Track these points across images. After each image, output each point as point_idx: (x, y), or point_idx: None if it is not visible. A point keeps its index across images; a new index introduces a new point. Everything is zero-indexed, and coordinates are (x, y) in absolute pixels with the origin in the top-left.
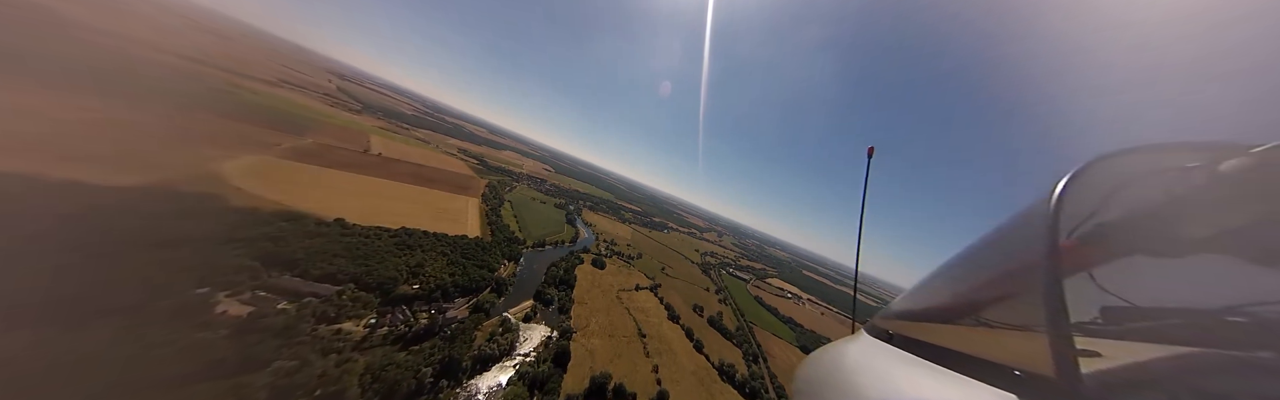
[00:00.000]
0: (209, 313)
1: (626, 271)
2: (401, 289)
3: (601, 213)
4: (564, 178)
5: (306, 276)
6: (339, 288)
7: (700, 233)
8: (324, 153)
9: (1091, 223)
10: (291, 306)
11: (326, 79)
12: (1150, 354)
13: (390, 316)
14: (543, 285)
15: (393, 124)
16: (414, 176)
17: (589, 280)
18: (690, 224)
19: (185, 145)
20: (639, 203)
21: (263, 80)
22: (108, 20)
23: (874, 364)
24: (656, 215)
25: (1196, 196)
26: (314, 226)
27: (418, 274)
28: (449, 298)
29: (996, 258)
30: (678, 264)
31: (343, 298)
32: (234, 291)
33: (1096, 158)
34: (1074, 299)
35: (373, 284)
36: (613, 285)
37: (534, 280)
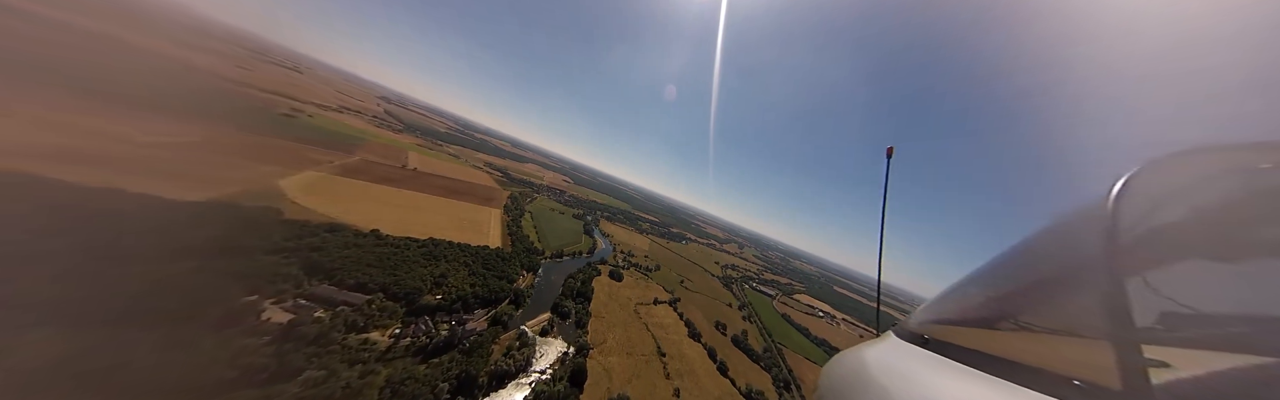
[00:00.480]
0: (255, 319)
1: (644, 284)
2: (425, 299)
3: (619, 223)
4: (583, 189)
5: (342, 285)
6: (369, 297)
7: (720, 244)
8: (368, 169)
9: (1149, 224)
10: (326, 315)
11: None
12: (1221, 364)
13: (413, 327)
14: (560, 297)
15: (428, 141)
16: (444, 189)
17: (606, 293)
18: (709, 235)
19: (253, 164)
20: (656, 213)
21: (323, 106)
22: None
23: (909, 368)
24: (674, 226)
25: (1262, 199)
26: (353, 237)
27: (441, 284)
28: (469, 309)
29: (1048, 259)
30: (697, 277)
31: (372, 307)
32: (279, 299)
33: (1158, 157)
34: (1134, 303)
35: (400, 293)
36: (630, 298)
37: (552, 292)
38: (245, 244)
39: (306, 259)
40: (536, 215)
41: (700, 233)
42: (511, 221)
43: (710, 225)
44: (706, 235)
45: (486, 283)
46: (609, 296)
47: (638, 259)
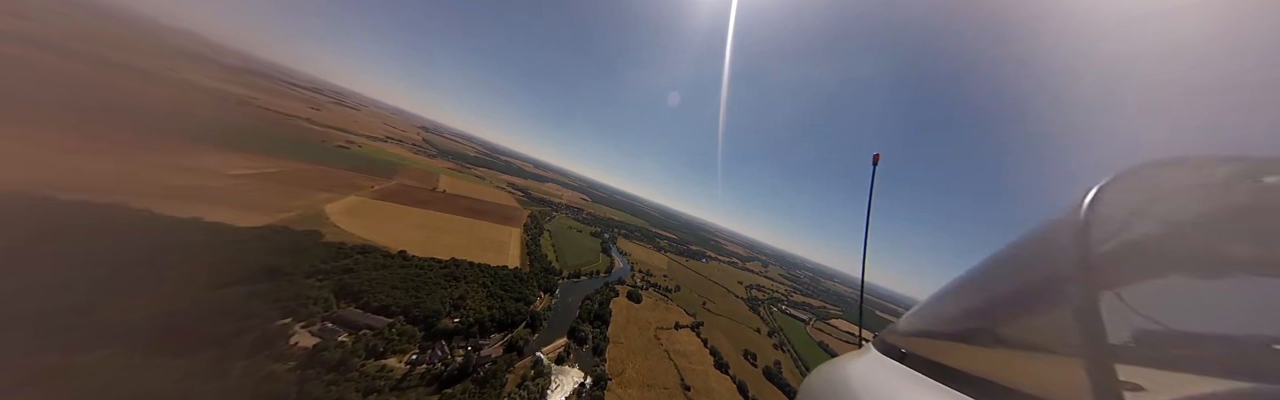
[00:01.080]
0: (284, 343)
1: (664, 306)
2: (443, 323)
3: (636, 241)
4: (600, 206)
5: (367, 307)
6: (390, 320)
7: (742, 262)
8: (403, 192)
9: (1122, 237)
10: (349, 338)
11: (417, 133)
12: (1197, 388)
13: (430, 353)
14: (577, 321)
15: (458, 164)
16: (468, 210)
17: (624, 316)
18: (730, 252)
19: (309, 191)
20: (674, 230)
21: (372, 137)
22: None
23: (884, 384)
24: (693, 243)
25: (1241, 213)
26: (382, 258)
27: (459, 307)
28: (485, 333)
29: (1020, 272)
30: (720, 298)
31: (392, 331)
32: (308, 322)
33: (1132, 168)
34: (1106, 320)
35: (420, 317)
36: (650, 322)
37: (568, 315)
38: (289, 267)
39: (339, 281)
40: (555, 233)
41: (721, 250)
42: (531, 240)
43: (730, 242)
44: (727, 253)
45: (504, 305)
46: (627, 320)
47: (656, 279)
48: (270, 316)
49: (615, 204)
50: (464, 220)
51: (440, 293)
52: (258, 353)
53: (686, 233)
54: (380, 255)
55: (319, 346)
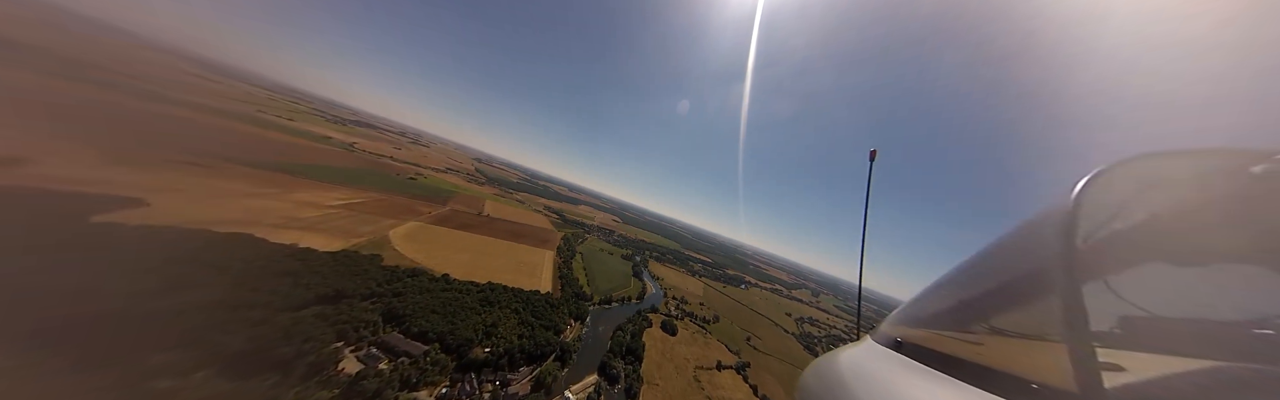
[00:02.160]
0: (333, 368)
1: (702, 340)
2: (474, 353)
3: (669, 264)
4: (631, 228)
5: (407, 333)
6: (426, 348)
7: (788, 290)
8: (454, 217)
9: (1110, 227)
10: (388, 366)
11: (471, 163)
12: (1174, 367)
13: (460, 386)
14: (608, 355)
15: (502, 190)
16: (508, 233)
17: (659, 350)
18: (772, 278)
19: (381, 218)
20: (708, 252)
21: (435, 169)
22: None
23: (881, 373)
24: (729, 266)
25: (1223, 203)
26: (428, 282)
27: (491, 335)
28: (514, 365)
29: (1011, 262)
30: (767, 332)
31: (427, 359)
32: (356, 346)
33: (1119, 161)
34: (1091, 307)
35: (453, 345)
36: (688, 359)
37: (599, 347)
38: (351, 290)
39: (388, 304)
40: (587, 256)
41: (761, 275)
42: (563, 263)
43: (769, 266)
44: (769, 278)
45: (534, 334)
46: (662, 355)
47: (692, 307)
48: (326, 339)
49: (646, 225)
50: (503, 243)
51: (474, 319)
52: (310, 377)
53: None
54: (426, 279)
55: (361, 374)
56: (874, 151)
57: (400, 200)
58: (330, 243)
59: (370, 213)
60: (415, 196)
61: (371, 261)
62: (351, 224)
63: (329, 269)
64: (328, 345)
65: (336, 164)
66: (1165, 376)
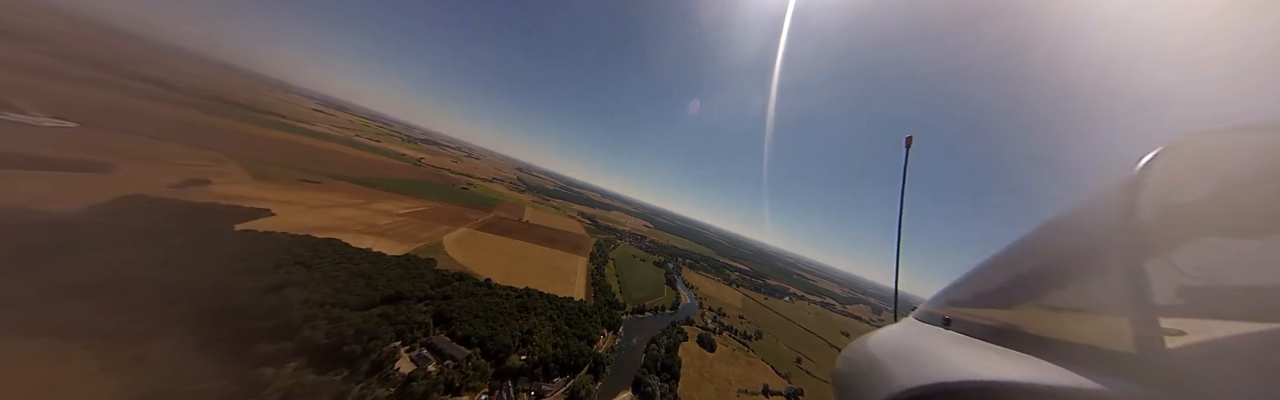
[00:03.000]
0: (391, 367)
1: (745, 358)
2: (511, 360)
3: (703, 272)
4: (663, 233)
5: (453, 336)
6: (469, 352)
7: (842, 305)
8: (498, 223)
9: (1170, 203)
10: (435, 369)
11: (514, 173)
12: (1234, 330)
13: (497, 393)
14: (642, 370)
15: (540, 198)
16: (544, 238)
17: (697, 368)
18: (822, 290)
19: (437, 225)
20: (745, 260)
21: (484, 179)
22: (430, 158)
23: (933, 347)
24: (771, 276)
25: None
26: (472, 286)
27: (527, 342)
28: (549, 375)
29: (1071, 237)
30: (821, 354)
31: (469, 364)
32: (410, 347)
33: (1177, 138)
34: (1153, 278)
35: (493, 350)
36: (729, 379)
37: (633, 360)
38: (409, 292)
39: (438, 307)
40: (619, 262)
41: (808, 287)
42: (595, 269)
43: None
44: (819, 291)
45: (568, 343)
46: (701, 374)
47: (731, 320)
48: (387, 338)
49: (678, 231)
50: (540, 249)
51: (512, 324)
52: (372, 374)
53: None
54: (471, 283)
55: (412, 375)
56: (910, 138)
57: (454, 208)
58: (396, 247)
59: (429, 220)
60: (466, 204)
61: (427, 265)
62: (414, 230)
63: (394, 271)
64: (387, 344)
65: (408, 177)
66: (1225, 338)
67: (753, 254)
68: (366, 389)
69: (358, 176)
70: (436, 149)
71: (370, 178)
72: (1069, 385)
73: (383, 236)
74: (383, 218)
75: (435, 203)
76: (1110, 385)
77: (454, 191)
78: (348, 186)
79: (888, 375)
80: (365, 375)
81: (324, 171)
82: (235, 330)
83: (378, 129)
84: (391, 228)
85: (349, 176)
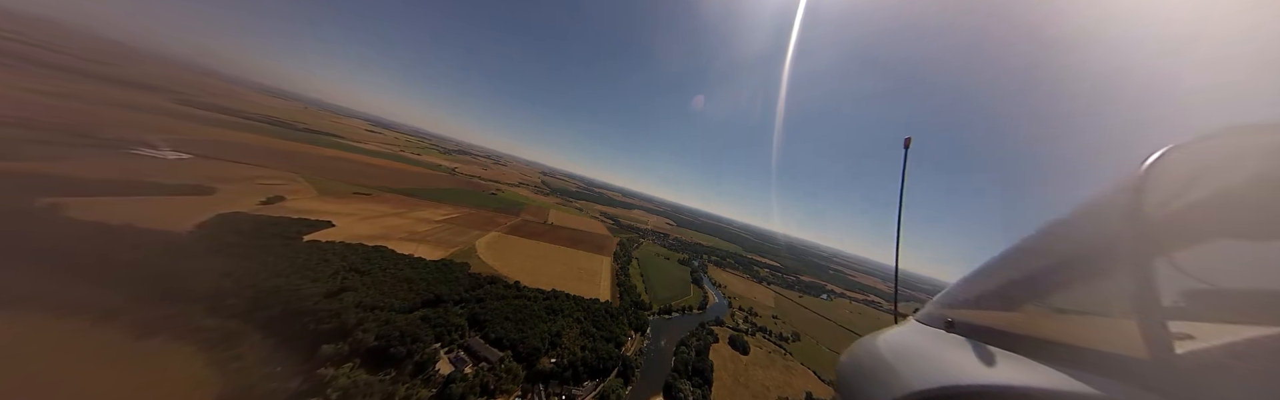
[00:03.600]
0: (432, 368)
1: (782, 362)
2: (542, 362)
3: (731, 270)
4: (686, 231)
5: (486, 338)
6: (501, 354)
7: (888, 303)
8: (524, 226)
9: (1176, 205)
10: (471, 371)
11: (538, 177)
12: (1243, 334)
13: (530, 397)
14: (673, 374)
15: (563, 200)
16: (569, 239)
17: (731, 372)
18: (863, 287)
19: (470, 230)
20: (775, 255)
21: (511, 184)
22: (468, 168)
23: (935, 350)
24: (804, 272)
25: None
26: (503, 289)
27: (556, 345)
28: (578, 379)
29: (1075, 239)
30: None
31: (501, 366)
32: (449, 348)
33: (1184, 140)
34: (1160, 280)
35: (524, 353)
36: (766, 384)
37: (662, 363)
38: (446, 295)
39: (472, 310)
40: (643, 261)
41: (848, 283)
42: (620, 269)
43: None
44: (859, 287)
45: (596, 346)
46: (735, 379)
47: (763, 320)
48: (428, 341)
49: (702, 227)
50: (565, 250)
51: (541, 327)
52: (416, 375)
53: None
54: (502, 285)
55: (451, 377)
56: (908, 139)
57: (485, 213)
58: (434, 252)
59: (463, 225)
60: (496, 209)
61: (461, 269)
62: (450, 235)
63: (432, 276)
64: (428, 345)
65: (444, 186)
66: (1235, 342)
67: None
68: (412, 390)
69: (402, 187)
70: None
71: (413, 188)
72: (1070, 390)
73: (423, 242)
74: (423, 225)
75: (468, 209)
76: (1114, 391)
77: (484, 197)
78: (394, 197)
79: (889, 379)
80: (410, 376)
81: (375, 184)
82: (303, 332)
83: (419, 143)
84: (430, 234)
85: (395, 188)
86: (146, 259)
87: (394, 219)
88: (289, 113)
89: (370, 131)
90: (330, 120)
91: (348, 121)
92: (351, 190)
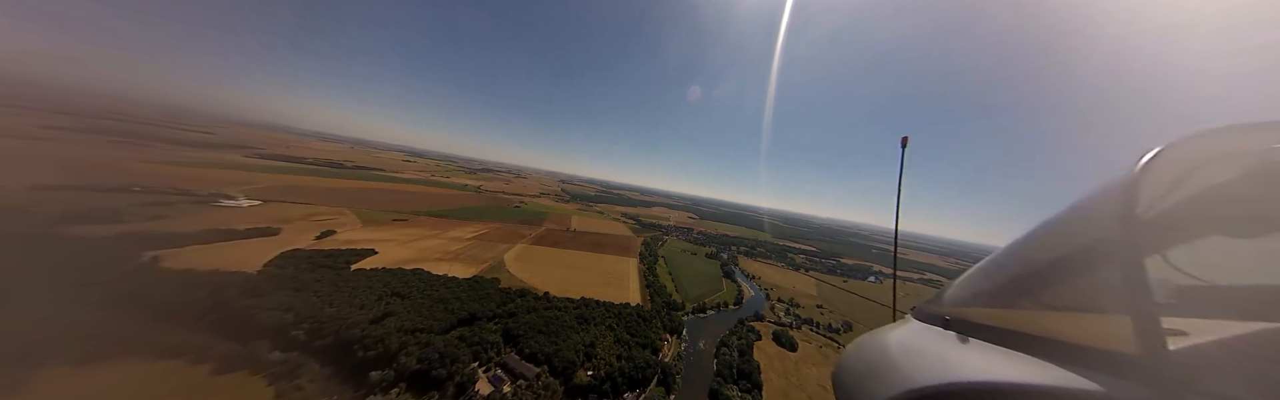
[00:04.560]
0: (472, 389)
1: (835, 356)
2: (579, 376)
3: (762, 259)
4: (710, 223)
5: (522, 353)
6: (537, 370)
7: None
8: (549, 235)
9: (1169, 203)
10: (510, 389)
11: (557, 185)
12: (1235, 330)
13: None
14: (717, 380)
15: (584, 205)
16: (592, 244)
17: (779, 372)
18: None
19: (498, 244)
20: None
21: (532, 195)
22: (491, 184)
23: (932, 347)
24: (843, 254)
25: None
26: (533, 301)
27: (591, 356)
28: (618, 391)
29: (1070, 237)
30: None
31: (539, 382)
32: (486, 367)
33: (1177, 138)
34: (1153, 278)
35: (560, 367)
36: (823, 384)
37: (703, 366)
38: (480, 312)
39: (505, 326)
40: (670, 259)
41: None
42: (647, 269)
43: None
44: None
45: (631, 354)
46: (786, 380)
47: (808, 311)
48: (465, 361)
49: (726, 218)
50: (591, 255)
51: (575, 338)
52: (458, 397)
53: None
54: (532, 298)
55: (491, 396)
56: (906, 138)
57: (511, 227)
58: (466, 270)
59: (492, 240)
60: (521, 222)
61: (492, 284)
62: (480, 251)
63: (465, 293)
64: (467, 366)
65: (472, 204)
66: (1227, 338)
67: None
68: None
69: (435, 210)
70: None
71: (444, 210)
72: (1068, 387)
73: (456, 261)
74: (455, 244)
75: (495, 223)
76: (1110, 386)
77: (509, 211)
78: (428, 220)
79: (886, 377)
80: (452, 398)
81: (411, 209)
82: (353, 359)
83: (448, 167)
84: (462, 252)
85: (428, 211)
86: (226, 299)
87: (429, 240)
88: (340, 153)
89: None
90: (373, 156)
91: (387, 155)
92: (391, 217)
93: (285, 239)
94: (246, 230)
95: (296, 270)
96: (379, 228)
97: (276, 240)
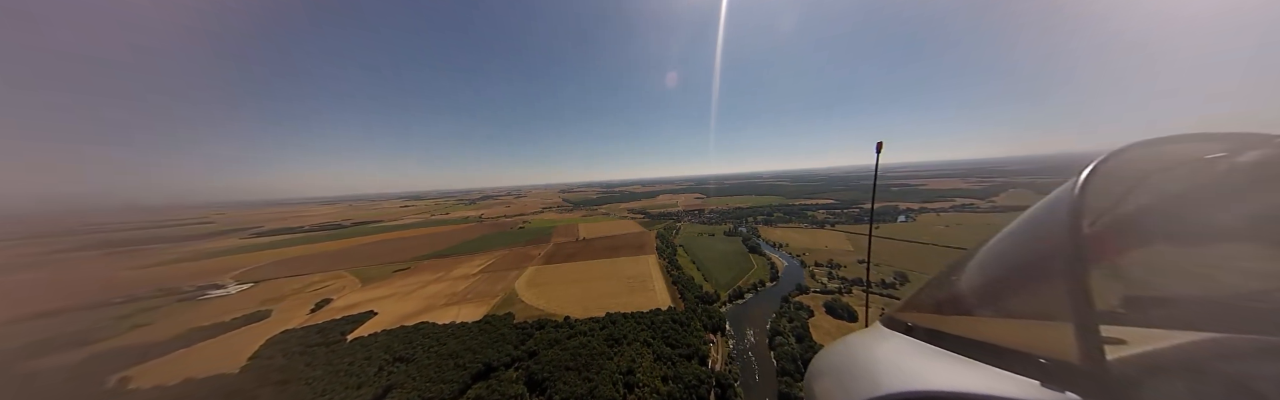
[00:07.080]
0: None
1: None
2: None
3: (782, 225)
4: (719, 199)
5: None
6: None
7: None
8: (559, 251)
9: (1114, 213)
10: None
11: (558, 197)
12: (1174, 340)
13: None
14: (781, 379)
15: (588, 210)
16: (606, 249)
17: None
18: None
19: (506, 272)
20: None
21: (535, 213)
22: (491, 211)
23: (892, 355)
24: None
25: (1218, 187)
26: (553, 331)
27: (632, 385)
28: None
29: (1020, 248)
30: None
31: None
32: None
33: (1120, 149)
34: (1097, 288)
35: None
36: None
37: (763, 363)
38: (495, 360)
39: (527, 371)
40: (689, 246)
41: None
42: (669, 263)
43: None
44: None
45: (677, 371)
46: None
47: (851, 269)
48: None
49: (734, 190)
50: (606, 262)
51: (609, 366)
52: None
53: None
54: (552, 328)
55: None
56: (880, 143)
57: (518, 250)
58: (475, 311)
59: (499, 269)
60: (527, 242)
61: (505, 322)
62: (488, 285)
63: (476, 340)
64: None
65: (474, 235)
66: (1165, 348)
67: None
68: None
69: (437, 250)
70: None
71: (447, 248)
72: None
73: (464, 303)
74: (460, 283)
75: (501, 251)
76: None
77: (514, 234)
78: (431, 263)
79: (850, 384)
80: None
81: (412, 255)
82: None
83: (446, 203)
84: (469, 290)
85: (430, 253)
86: None
87: (434, 285)
88: (338, 213)
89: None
90: (372, 208)
91: (384, 204)
92: (393, 269)
93: (277, 321)
94: (233, 320)
95: (285, 357)
96: (379, 284)
97: (266, 324)
